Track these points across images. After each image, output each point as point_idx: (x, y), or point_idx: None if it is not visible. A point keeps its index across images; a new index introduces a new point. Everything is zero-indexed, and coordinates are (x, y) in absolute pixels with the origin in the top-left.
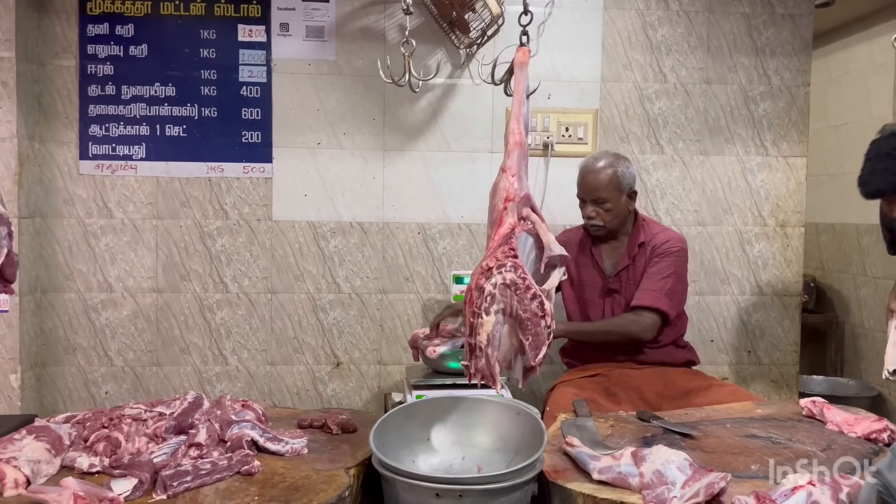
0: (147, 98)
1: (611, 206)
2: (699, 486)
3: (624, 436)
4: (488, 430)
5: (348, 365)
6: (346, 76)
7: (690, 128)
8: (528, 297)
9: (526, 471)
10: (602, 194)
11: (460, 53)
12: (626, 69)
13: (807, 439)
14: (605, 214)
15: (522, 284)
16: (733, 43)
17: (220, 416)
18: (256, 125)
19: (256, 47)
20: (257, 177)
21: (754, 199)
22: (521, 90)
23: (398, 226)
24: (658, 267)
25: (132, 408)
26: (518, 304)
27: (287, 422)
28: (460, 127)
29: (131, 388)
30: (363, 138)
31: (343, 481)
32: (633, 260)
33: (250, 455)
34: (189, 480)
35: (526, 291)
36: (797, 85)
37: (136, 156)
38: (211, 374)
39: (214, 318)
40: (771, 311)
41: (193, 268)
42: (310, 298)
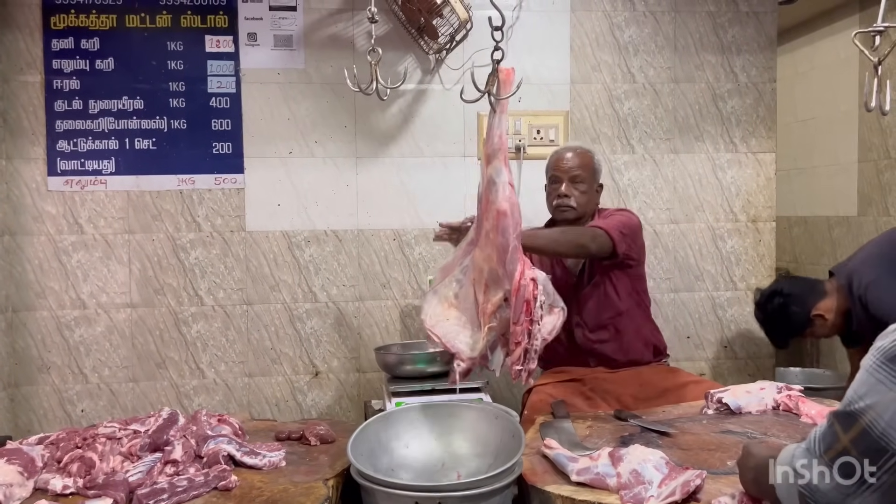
0: (115, 112)
1: (585, 189)
2: (675, 485)
3: (602, 436)
4: (467, 435)
5: (327, 374)
6: (315, 84)
7: (660, 127)
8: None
9: (504, 475)
10: (579, 173)
11: (430, 59)
12: (595, 70)
13: (781, 433)
14: (578, 196)
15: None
16: (700, 42)
17: (195, 431)
18: (227, 136)
19: (224, 58)
20: (229, 188)
21: (725, 195)
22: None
23: (373, 232)
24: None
25: (106, 426)
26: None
27: (265, 434)
28: (432, 132)
29: (108, 405)
30: (335, 146)
31: (321, 493)
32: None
33: (227, 470)
34: (165, 498)
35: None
36: (764, 81)
37: (106, 170)
38: (188, 387)
39: (190, 331)
40: (745, 306)
41: (167, 281)
42: (286, 308)
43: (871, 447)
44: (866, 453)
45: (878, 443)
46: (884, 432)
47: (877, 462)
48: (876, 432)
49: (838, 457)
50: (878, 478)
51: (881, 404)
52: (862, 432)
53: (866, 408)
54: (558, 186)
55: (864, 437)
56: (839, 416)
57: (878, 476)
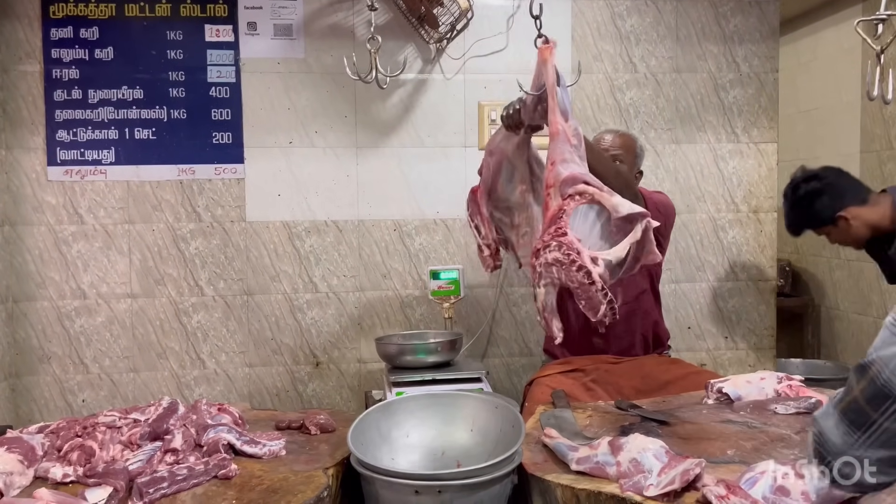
0: (114, 101)
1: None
2: (675, 474)
3: (602, 425)
4: (467, 424)
5: (328, 364)
6: (315, 74)
7: (662, 117)
8: (574, 270)
9: (504, 464)
10: (619, 152)
11: (430, 48)
12: (597, 60)
13: (782, 422)
14: None
15: (567, 260)
16: (701, 31)
17: (195, 420)
18: (227, 126)
19: (224, 47)
20: (229, 178)
21: (727, 185)
22: (552, 83)
23: (374, 223)
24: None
25: (106, 415)
26: (566, 277)
27: (265, 424)
28: (433, 122)
29: (108, 395)
30: (335, 136)
31: (321, 482)
32: None
33: (227, 459)
34: (165, 487)
35: (571, 265)
36: (766, 71)
37: (106, 160)
38: (189, 378)
39: (191, 321)
40: (747, 297)
41: (167, 272)
42: (287, 299)
43: (876, 394)
44: (871, 400)
45: (882, 390)
46: (888, 380)
47: (879, 408)
48: (881, 380)
49: (849, 406)
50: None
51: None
52: (870, 381)
53: (876, 358)
54: None
55: (871, 385)
56: (856, 368)
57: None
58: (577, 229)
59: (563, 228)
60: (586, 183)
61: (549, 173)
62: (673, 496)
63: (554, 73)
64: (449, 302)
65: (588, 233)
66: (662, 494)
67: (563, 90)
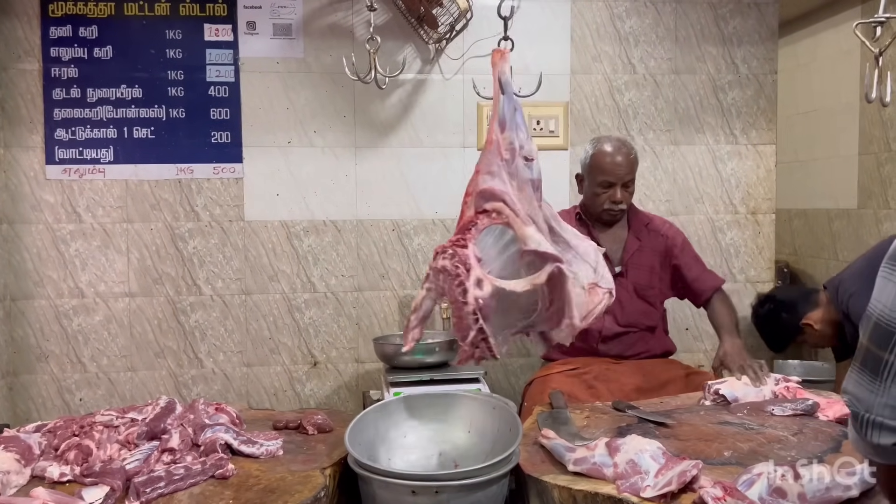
0: (113, 100)
1: (633, 189)
2: (672, 475)
3: (599, 426)
4: (465, 425)
5: (325, 364)
6: (314, 74)
7: (660, 118)
8: (455, 284)
9: (502, 465)
10: (630, 177)
11: (429, 49)
12: (596, 61)
13: (779, 424)
14: (627, 197)
15: (453, 272)
16: (700, 33)
17: (193, 420)
18: (226, 125)
19: (223, 46)
20: (228, 177)
21: (725, 187)
22: (496, 89)
23: (372, 223)
24: (691, 253)
25: (103, 415)
26: (448, 288)
27: (262, 423)
28: (432, 122)
29: (106, 394)
30: (334, 136)
31: (318, 482)
32: (640, 241)
33: (224, 458)
34: (162, 486)
35: (454, 279)
36: (765, 73)
37: (104, 159)
38: (187, 377)
39: (188, 320)
40: (744, 298)
41: (166, 271)
42: (285, 298)
43: (882, 335)
44: (879, 342)
45: (887, 328)
46: (890, 318)
47: (887, 346)
48: (884, 321)
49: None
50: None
51: (884, 293)
52: (874, 325)
53: (876, 302)
54: (612, 192)
55: (876, 328)
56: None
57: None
58: (486, 248)
59: (465, 240)
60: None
61: (471, 181)
62: (670, 497)
63: (500, 79)
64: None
65: (496, 255)
66: (659, 496)
67: (507, 99)
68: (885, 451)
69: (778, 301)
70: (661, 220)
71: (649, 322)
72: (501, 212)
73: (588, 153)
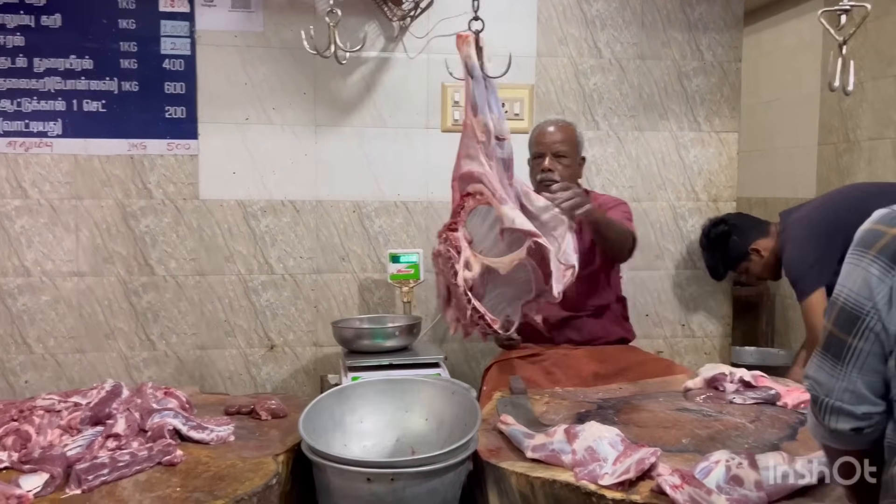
0: (62, 71)
1: (569, 163)
2: (630, 462)
3: (559, 412)
4: (423, 411)
5: (283, 348)
6: (274, 49)
7: (625, 103)
8: (448, 266)
9: (459, 451)
10: (563, 148)
11: (393, 26)
12: (562, 44)
13: (737, 411)
14: (562, 171)
15: (446, 254)
16: (667, 18)
17: (140, 404)
18: (180, 100)
19: (179, 18)
20: (182, 154)
21: (687, 174)
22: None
23: (332, 204)
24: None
25: (44, 398)
26: (445, 272)
27: (214, 408)
28: (395, 102)
29: (53, 376)
30: (294, 113)
31: (271, 469)
32: (580, 228)
33: (172, 445)
34: (106, 473)
35: (447, 261)
36: (729, 60)
37: (52, 132)
38: (138, 359)
39: (140, 301)
40: (704, 285)
41: (117, 250)
42: (241, 280)
43: (847, 319)
44: (844, 326)
45: (851, 313)
46: (856, 302)
47: (850, 330)
48: (850, 305)
49: (827, 341)
50: (854, 347)
51: (850, 279)
52: (840, 310)
53: (842, 288)
54: (541, 161)
55: (841, 313)
56: (827, 309)
57: (854, 345)
58: (475, 229)
59: (457, 224)
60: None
61: (454, 166)
62: (628, 485)
63: (466, 64)
64: (408, 286)
65: (485, 235)
66: (617, 483)
67: (476, 83)
68: (842, 436)
69: (731, 224)
70: (608, 198)
71: (595, 303)
72: (482, 193)
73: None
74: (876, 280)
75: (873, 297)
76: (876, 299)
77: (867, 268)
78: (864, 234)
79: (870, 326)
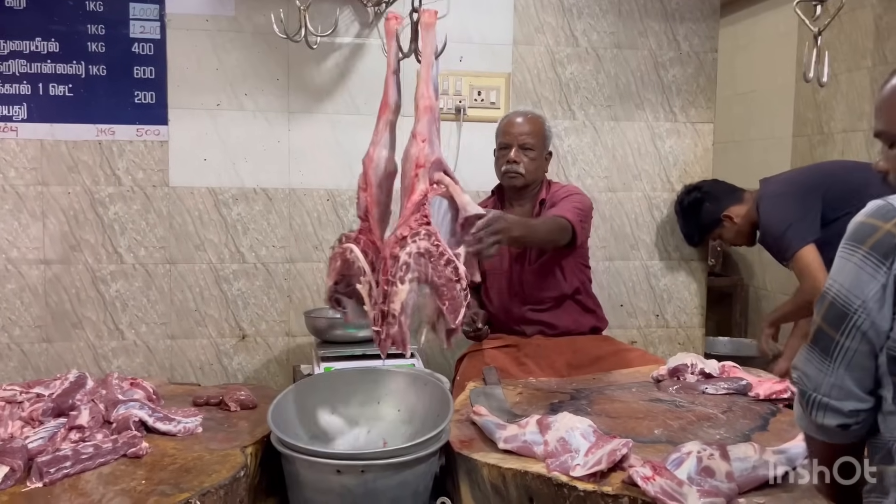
0: (27, 54)
1: (535, 156)
2: (602, 454)
3: (532, 403)
4: (395, 401)
5: (254, 337)
6: (246, 33)
7: (601, 93)
8: (442, 264)
9: (430, 443)
10: (529, 140)
11: (368, 12)
12: (539, 32)
13: (709, 402)
14: (528, 163)
15: (436, 252)
16: (644, 7)
17: (105, 395)
18: (150, 85)
19: (149, 0)
20: (152, 140)
21: (663, 164)
22: (430, 52)
23: (305, 192)
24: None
25: (5, 389)
26: (433, 272)
27: (182, 399)
28: (370, 89)
29: (19, 366)
30: (266, 99)
31: (238, 461)
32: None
33: (137, 436)
34: (68, 466)
35: (440, 258)
36: (705, 51)
37: (17, 117)
38: (107, 349)
39: (109, 290)
40: (678, 276)
41: (84, 237)
42: (212, 269)
43: (836, 315)
44: (832, 322)
45: (841, 309)
46: (846, 298)
47: (839, 328)
48: (840, 301)
49: (816, 335)
50: (842, 345)
51: (842, 275)
52: (829, 305)
53: (833, 282)
54: (507, 152)
55: (830, 308)
56: (818, 301)
57: (842, 343)
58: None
59: (427, 217)
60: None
61: (420, 151)
62: (599, 476)
63: (434, 42)
64: None
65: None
66: (589, 475)
67: (436, 65)
68: (828, 431)
69: (704, 191)
70: (560, 190)
71: (552, 294)
72: (442, 181)
73: None
74: (867, 276)
75: (863, 295)
76: (866, 297)
77: (858, 263)
78: (857, 227)
79: (857, 325)
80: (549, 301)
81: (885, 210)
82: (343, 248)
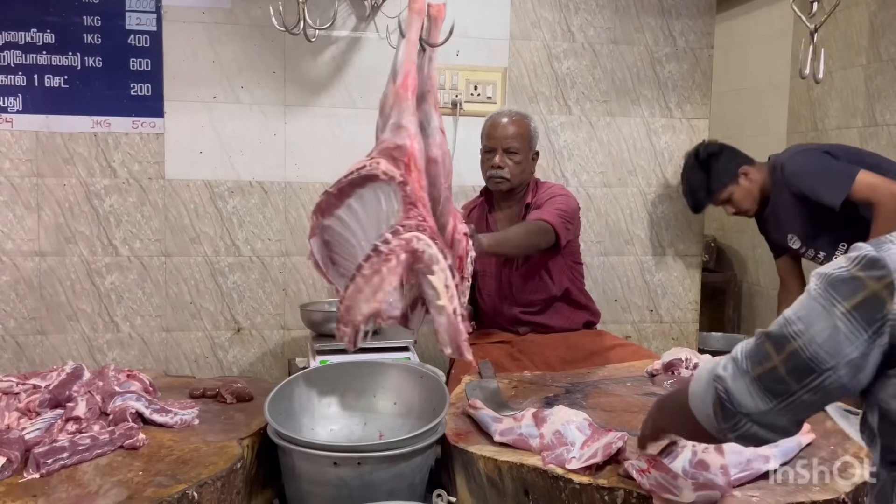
0: (23, 45)
1: (520, 160)
2: (597, 447)
3: (527, 396)
4: (392, 394)
5: (250, 330)
6: (243, 26)
7: (598, 88)
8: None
9: (426, 436)
10: (514, 144)
11: (365, 5)
12: (535, 27)
13: None
14: (513, 167)
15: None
16: (640, 3)
17: (101, 387)
18: (146, 77)
19: None
20: (148, 132)
21: (658, 160)
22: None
23: (301, 185)
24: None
25: (2, 381)
26: None
27: (179, 391)
28: (367, 83)
29: (13, 357)
30: (262, 92)
31: (235, 453)
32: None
33: (134, 428)
34: (65, 457)
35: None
36: (701, 47)
37: (12, 108)
38: (101, 341)
39: (104, 282)
40: (673, 271)
41: (80, 229)
42: (207, 262)
43: (800, 367)
44: (794, 372)
45: (808, 363)
46: (815, 354)
47: (801, 381)
48: (807, 353)
49: (767, 374)
50: (798, 395)
51: (816, 327)
52: (794, 352)
53: (803, 330)
54: (492, 156)
55: (794, 357)
56: (772, 336)
57: (798, 394)
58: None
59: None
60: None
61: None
62: (595, 469)
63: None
64: None
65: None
66: (584, 468)
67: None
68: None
69: (721, 145)
70: (545, 192)
71: (540, 297)
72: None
73: None
74: (844, 339)
75: (838, 357)
76: (839, 360)
77: (836, 322)
78: (839, 276)
79: (825, 385)
80: (538, 303)
81: (872, 260)
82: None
